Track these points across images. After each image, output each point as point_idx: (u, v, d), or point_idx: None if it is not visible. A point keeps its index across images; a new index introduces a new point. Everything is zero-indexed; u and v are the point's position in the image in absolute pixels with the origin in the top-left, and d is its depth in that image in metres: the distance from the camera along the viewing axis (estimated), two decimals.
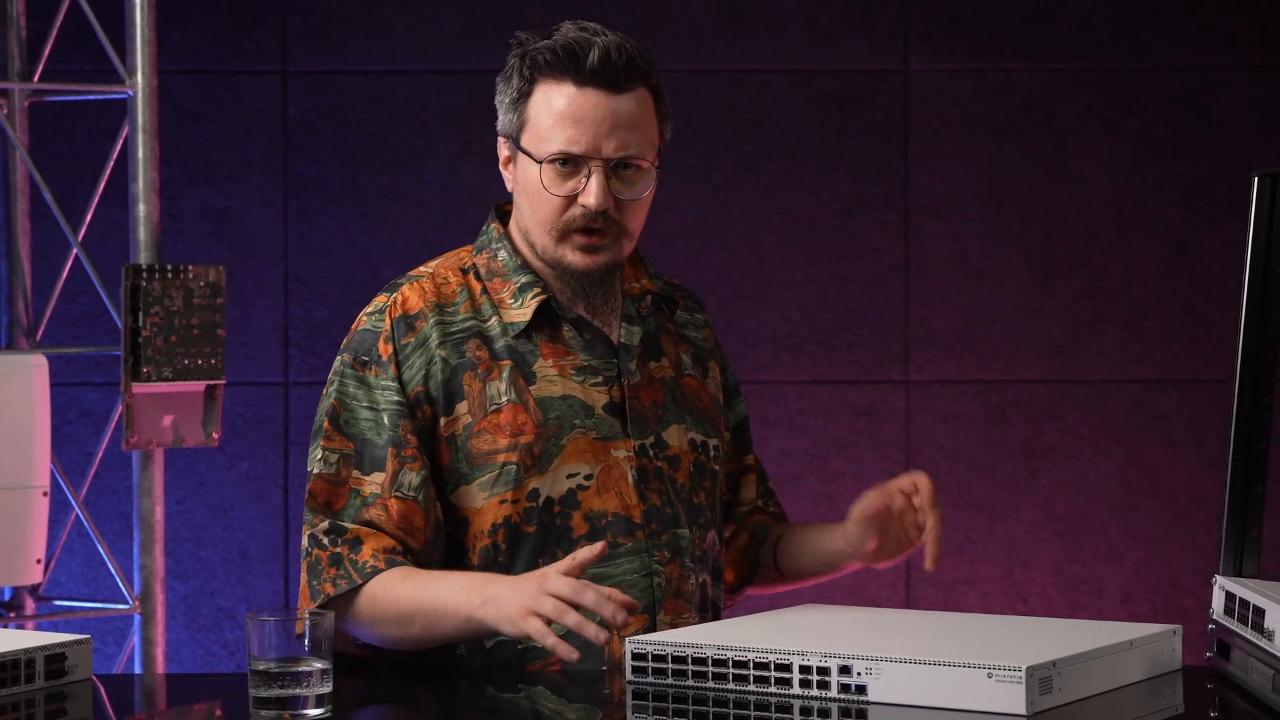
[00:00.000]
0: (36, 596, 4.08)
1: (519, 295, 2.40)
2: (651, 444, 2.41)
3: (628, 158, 2.35)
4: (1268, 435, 2.20)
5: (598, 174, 2.33)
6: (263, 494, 4.60)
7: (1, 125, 4.01)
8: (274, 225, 4.62)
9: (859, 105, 4.64)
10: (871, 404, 4.64)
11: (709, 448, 2.48)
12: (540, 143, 2.35)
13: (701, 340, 2.56)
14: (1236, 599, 2.13)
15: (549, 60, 2.34)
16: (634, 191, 2.37)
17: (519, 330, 2.38)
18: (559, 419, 2.36)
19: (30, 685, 2.13)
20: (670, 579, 2.38)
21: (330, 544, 2.31)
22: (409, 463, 2.33)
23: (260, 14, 4.62)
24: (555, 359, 2.39)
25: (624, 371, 2.41)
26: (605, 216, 2.35)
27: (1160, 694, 2.13)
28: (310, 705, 1.97)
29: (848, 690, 2.03)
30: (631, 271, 2.49)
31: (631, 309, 2.46)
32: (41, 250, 4.29)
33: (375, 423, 2.35)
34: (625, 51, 2.34)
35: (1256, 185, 2.20)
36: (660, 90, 2.40)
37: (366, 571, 2.29)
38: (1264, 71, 4.62)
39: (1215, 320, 4.62)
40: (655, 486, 2.40)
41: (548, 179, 2.35)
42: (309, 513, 2.35)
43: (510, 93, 2.39)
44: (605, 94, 2.33)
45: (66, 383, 4.52)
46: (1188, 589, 4.59)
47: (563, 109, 2.34)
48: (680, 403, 2.46)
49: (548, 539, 2.35)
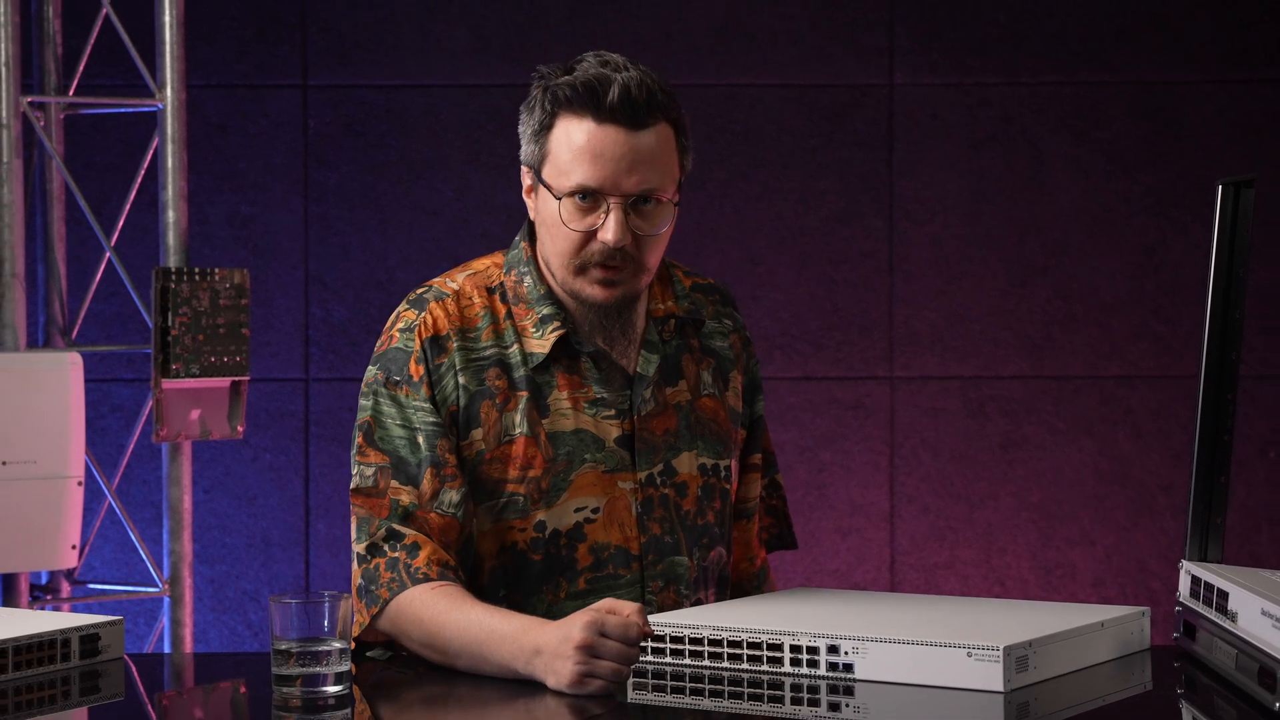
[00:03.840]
0: (72, 580, 4.08)
1: (540, 326, 2.32)
2: (660, 471, 2.35)
3: (647, 193, 2.25)
4: (1231, 428, 2.20)
5: (616, 210, 2.24)
6: (285, 483, 4.60)
7: (38, 136, 4.00)
8: (295, 230, 4.62)
9: (846, 117, 4.64)
10: (858, 399, 4.64)
11: (720, 470, 2.42)
12: (560, 177, 2.26)
13: (726, 349, 2.47)
14: (1202, 583, 2.13)
15: (569, 96, 2.25)
16: (653, 228, 2.27)
17: (538, 362, 2.31)
18: (569, 454, 2.30)
19: (66, 664, 2.13)
20: (663, 606, 2.33)
21: (390, 549, 2.24)
22: (449, 481, 2.27)
23: (283, 32, 4.62)
24: (571, 390, 2.32)
25: (636, 404, 2.34)
26: (623, 252, 2.25)
27: (1130, 672, 2.13)
28: (329, 683, 1.97)
29: (836, 668, 2.02)
30: (659, 292, 2.41)
31: (654, 334, 2.38)
32: (76, 254, 4.28)
33: (409, 440, 2.28)
34: (646, 88, 2.24)
35: (1220, 193, 2.19)
36: (682, 124, 2.30)
37: (418, 577, 2.21)
38: (1227, 85, 4.62)
39: (1181, 320, 4.62)
40: (658, 515, 2.34)
41: (567, 214, 2.26)
42: (362, 524, 2.28)
43: (532, 124, 2.30)
44: (625, 131, 2.23)
45: (100, 379, 4.52)
46: (1155, 573, 4.59)
47: (582, 145, 2.24)
48: (694, 428, 2.40)
49: (553, 569, 2.30)
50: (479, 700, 2.11)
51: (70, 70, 4.12)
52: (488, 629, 2.14)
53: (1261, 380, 4.58)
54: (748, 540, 2.54)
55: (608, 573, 2.31)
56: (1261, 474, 4.58)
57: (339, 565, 4.58)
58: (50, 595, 4.03)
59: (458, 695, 2.15)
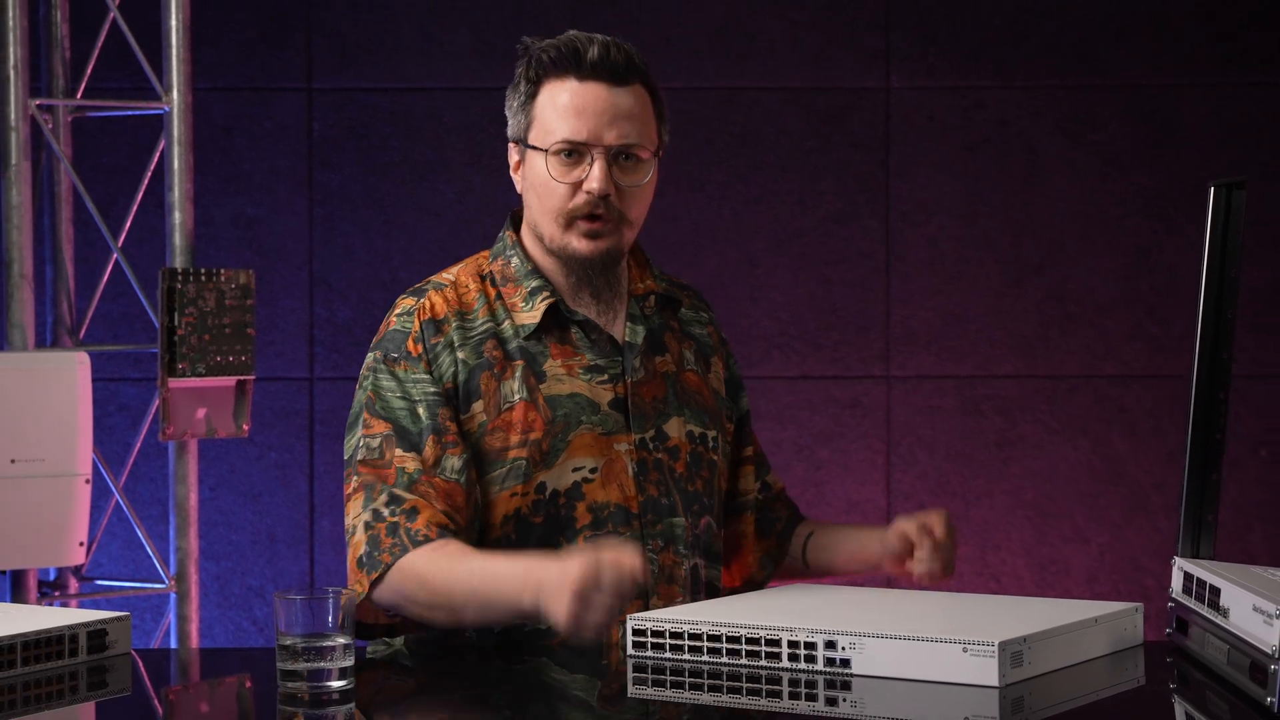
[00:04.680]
0: (79, 577, 4.09)
1: (529, 299, 2.39)
2: (652, 437, 2.40)
3: (628, 146, 2.35)
4: (1223, 427, 2.20)
5: (600, 161, 2.34)
6: (289, 481, 4.60)
7: (47, 139, 4.01)
8: (300, 232, 4.62)
9: (843, 120, 4.64)
10: (855, 398, 4.64)
11: (707, 439, 2.47)
12: (546, 135, 2.35)
13: (705, 337, 2.55)
14: (1194, 579, 2.13)
15: (552, 58, 2.36)
16: (634, 180, 2.36)
17: (529, 332, 2.37)
18: (566, 416, 2.35)
19: (74, 659, 2.14)
20: (663, 566, 2.37)
21: (390, 514, 2.28)
22: (450, 447, 2.31)
23: (287, 36, 4.62)
24: (564, 359, 2.38)
25: (628, 369, 2.41)
26: (607, 203, 2.35)
27: (1123, 667, 2.13)
28: (334, 677, 1.97)
29: (833, 664, 2.03)
30: (637, 273, 2.49)
31: (636, 309, 2.45)
32: (84, 255, 4.29)
33: (410, 411, 2.33)
34: (624, 50, 2.36)
35: (1213, 195, 2.19)
36: (657, 92, 2.40)
37: (418, 539, 2.25)
38: (1220, 89, 4.62)
39: (1174, 320, 4.62)
40: (654, 478, 2.39)
41: (554, 168, 2.35)
42: (364, 492, 2.30)
43: (518, 97, 2.40)
44: (606, 86, 2.34)
45: (107, 378, 4.52)
46: (1149, 569, 4.59)
47: (566, 102, 2.34)
48: (680, 396, 2.45)
49: (553, 529, 2.34)
50: (480, 697, 2.11)
51: (78, 74, 4.12)
52: (492, 572, 2.21)
53: (1253, 379, 4.58)
54: (746, 535, 2.56)
55: (607, 531, 2.34)
56: (1253, 472, 4.58)
57: (343, 561, 4.58)
58: (58, 591, 4.04)
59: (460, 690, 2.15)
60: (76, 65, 4.12)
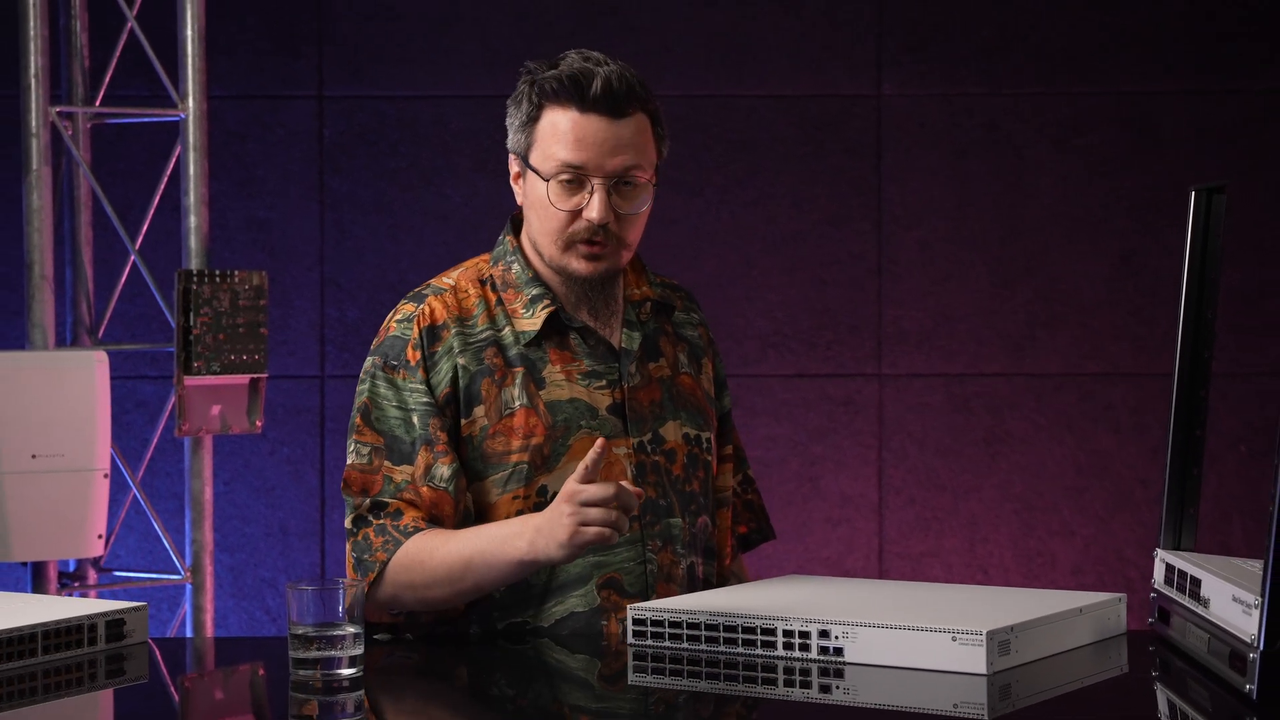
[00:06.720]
0: (98, 568, 4.09)
1: (530, 306, 2.37)
2: (649, 440, 2.39)
3: (626, 174, 2.32)
4: (1204, 424, 2.20)
5: (600, 190, 2.31)
6: (301, 476, 4.61)
7: (67, 145, 4.01)
8: (311, 235, 4.62)
9: (837, 126, 4.64)
10: (848, 395, 4.64)
11: (701, 440, 2.46)
12: (547, 159, 2.32)
13: (697, 338, 2.54)
14: (1176, 570, 2.13)
15: (555, 89, 2.31)
16: (632, 207, 2.34)
17: (530, 339, 2.36)
18: (566, 421, 2.34)
19: (93, 647, 2.14)
20: (662, 565, 2.36)
21: (374, 518, 2.29)
22: (441, 456, 2.30)
23: (299, 45, 4.62)
24: (563, 365, 2.37)
25: (624, 375, 2.40)
26: (605, 230, 2.32)
27: (1107, 655, 2.13)
28: (344, 666, 1.97)
29: (826, 652, 2.03)
30: (634, 279, 2.47)
31: (633, 315, 2.44)
32: (102, 257, 4.29)
33: (404, 421, 2.32)
34: (625, 80, 2.32)
35: (1194, 199, 2.20)
36: (658, 115, 2.37)
37: (409, 532, 2.27)
38: (1202, 95, 4.62)
39: (1158, 320, 4.62)
40: (652, 480, 2.38)
41: (554, 194, 2.32)
42: (349, 499, 2.33)
43: (520, 116, 2.36)
44: (606, 119, 2.30)
45: (125, 376, 4.52)
46: (1132, 561, 4.59)
47: (568, 132, 2.31)
48: (676, 400, 2.44)
49: None
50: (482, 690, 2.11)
51: (97, 82, 4.12)
52: (486, 536, 2.24)
53: (1233, 378, 4.58)
54: (724, 529, 2.56)
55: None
56: (1232, 467, 4.58)
57: None
58: (78, 582, 4.04)
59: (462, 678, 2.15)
60: (95, 74, 4.12)
